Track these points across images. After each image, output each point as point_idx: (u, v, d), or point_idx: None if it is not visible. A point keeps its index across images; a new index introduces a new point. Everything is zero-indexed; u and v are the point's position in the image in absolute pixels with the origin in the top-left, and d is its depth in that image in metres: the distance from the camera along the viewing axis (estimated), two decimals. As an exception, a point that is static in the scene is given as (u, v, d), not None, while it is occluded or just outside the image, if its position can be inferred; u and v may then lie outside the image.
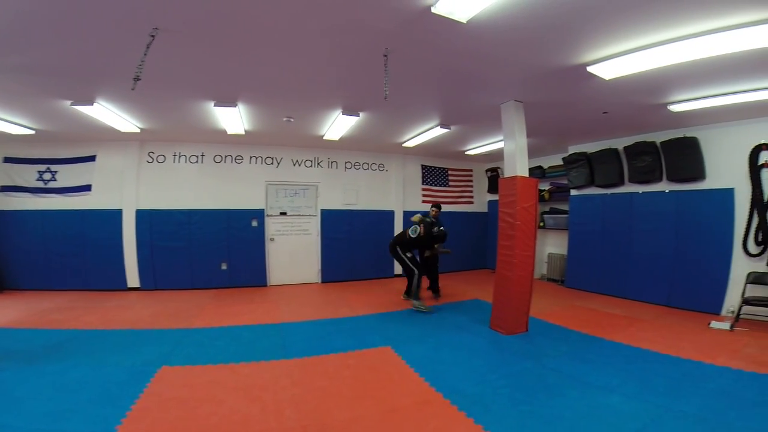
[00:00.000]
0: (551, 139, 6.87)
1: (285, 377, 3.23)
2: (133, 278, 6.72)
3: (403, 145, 7.45)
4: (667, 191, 5.84)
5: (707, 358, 3.55)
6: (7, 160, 6.59)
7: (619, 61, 3.37)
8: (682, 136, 5.52)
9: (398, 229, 8.36)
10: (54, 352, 3.67)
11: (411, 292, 5.69)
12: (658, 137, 5.84)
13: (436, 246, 5.98)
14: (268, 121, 5.77)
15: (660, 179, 5.92)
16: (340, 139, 6.77)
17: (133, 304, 5.73)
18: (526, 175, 4.62)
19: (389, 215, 8.36)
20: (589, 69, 3.58)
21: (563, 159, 7.33)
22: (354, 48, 3.34)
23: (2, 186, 6.55)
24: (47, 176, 6.66)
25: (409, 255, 5.72)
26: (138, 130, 5.96)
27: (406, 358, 3.68)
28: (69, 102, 4.61)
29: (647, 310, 5.49)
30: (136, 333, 4.34)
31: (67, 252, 6.55)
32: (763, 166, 4.81)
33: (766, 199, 4.78)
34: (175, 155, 6.99)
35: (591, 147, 6.85)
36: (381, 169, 8.44)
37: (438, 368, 3.45)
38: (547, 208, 7.94)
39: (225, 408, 2.70)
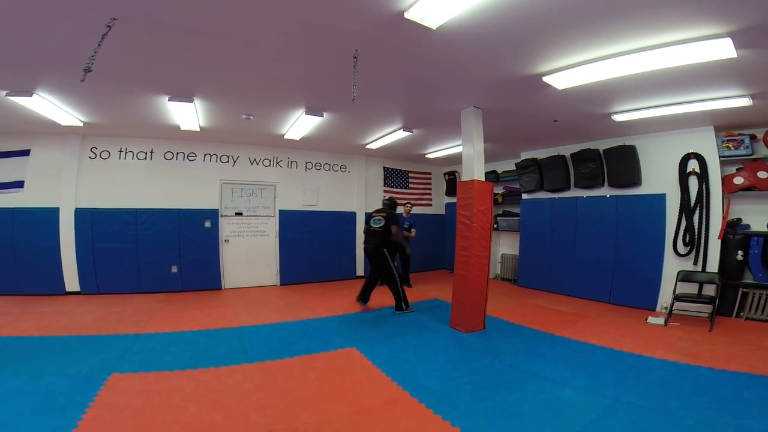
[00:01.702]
0: (506, 145, 7.21)
1: (248, 382, 3.14)
2: (72, 281, 6.19)
3: (367, 146, 7.48)
4: (608, 196, 6.31)
5: (647, 352, 3.86)
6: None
7: (571, 72, 3.63)
8: (622, 144, 5.99)
9: (361, 230, 8.34)
10: (-16, 362, 3.31)
11: (401, 303, 5.37)
12: (602, 145, 6.29)
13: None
14: (225, 118, 5.57)
15: (602, 185, 6.38)
16: (302, 138, 6.68)
17: (73, 309, 5.28)
18: (483, 179, 4.82)
19: (351, 216, 8.36)
20: (545, 79, 3.82)
21: (516, 164, 7.70)
22: (323, 48, 3.33)
23: None
24: (-27, 171, 6.00)
25: (395, 263, 5.45)
26: (80, 124, 5.53)
27: (372, 358, 3.70)
28: (3, 93, 4.22)
29: (592, 307, 5.88)
30: (79, 339, 4.02)
31: (-4, 253, 5.93)
32: (690, 173, 5.34)
33: (692, 204, 5.30)
34: (120, 151, 6.53)
35: (541, 153, 7.26)
36: (343, 170, 8.42)
37: (404, 368, 3.50)
38: (500, 211, 8.31)
39: (186, 415, 2.56)
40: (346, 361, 3.67)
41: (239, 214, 7.33)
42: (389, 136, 6.50)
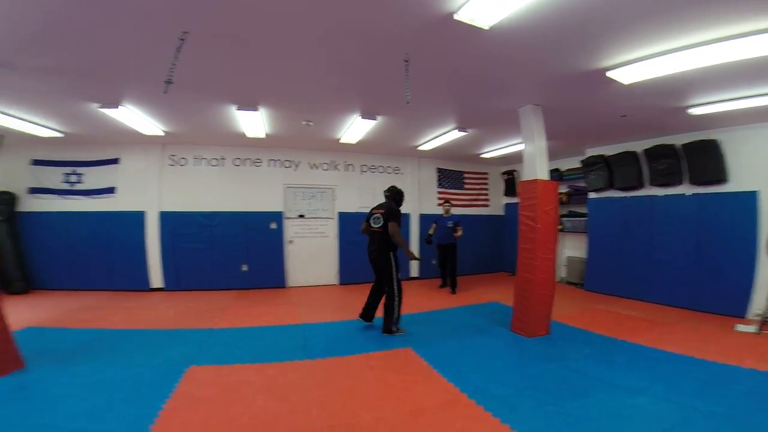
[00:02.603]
0: (568, 142, 6.84)
1: (310, 378, 3.28)
2: (156, 279, 6.88)
3: (419, 148, 7.48)
4: (688, 194, 5.77)
5: (734, 361, 3.51)
6: (35, 162, 6.78)
7: (638, 66, 3.39)
8: (702, 138, 5.46)
9: (414, 231, 8.40)
10: (84, 351, 3.76)
11: (391, 323, 4.47)
12: (678, 140, 5.78)
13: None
14: (287, 125, 5.86)
15: (681, 182, 5.85)
16: (357, 142, 6.85)
17: (157, 305, 5.86)
18: (547, 178, 4.61)
19: (404, 218, 8.36)
20: (608, 74, 3.60)
21: (581, 162, 7.29)
22: (373, 53, 3.38)
23: (30, 188, 6.76)
24: (73, 178, 6.86)
25: (399, 275, 4.58)
26: (162, 133, 6.10)
27: (428, 359, 3.70)
28: (96, 105, 4.70)
29: (670, 313, 5.43)
30: (162, 333, 4.43)
31: (93, 253, 6.74)
32: (788, 168, 4.73)
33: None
34: (195, 158, 7.14)
35: (609, 150, 6.80)
36: (396, 172, 8.49)
37: (461, 369, 3.46)
38: (565, 211, 7.89)
39: (254, 407, 2.74)
40: (403, 361, 3.70)
41: (301, 216, 7.68)
42: (442, 136, 6.45)
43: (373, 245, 4.63)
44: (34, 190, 6.78)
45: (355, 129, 5.94)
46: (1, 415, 2.51)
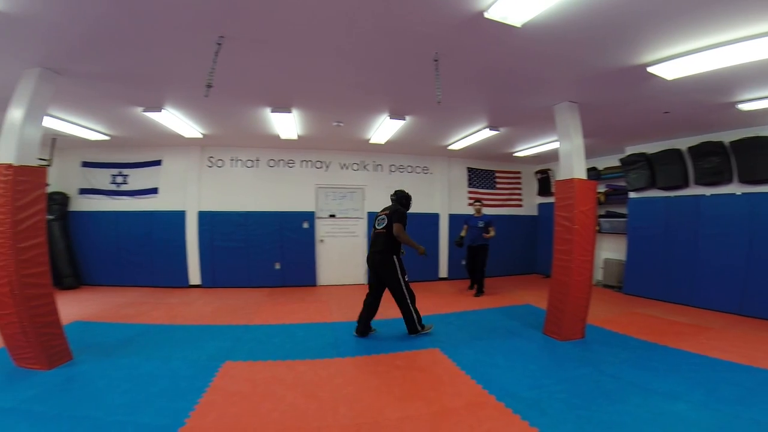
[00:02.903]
0: (607, 140, 6.58)
1: (339, 375, 3.33)
2: (194, 276, 7.18)
3: (449, 147, 7.42)
4: (738, 193, 5.42)
5: (787, 369, 3.29)
6: (85, 164, 7.25)
7: (681, 61, 3.23)
8: (754, 135, 5.13)
9: (444, 232, 8.34)
10: (127, 345, 3.96)
11: (414, 323, 4.36)
12: (727, 137, 5.46)
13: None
14: (318, 126, 5.96)
15: (730, 180, 5.52)
16: (386, 142, 6.88)
17: (195, 301, 6.11)
18: (584, 177, 4.45)
19: (434, 218, 8.35)
20: (650, 69, 3.45)
21: (621, 160, 7.00)
22: (402, 53, 3.38)
23: (81, 189, 7.22)
24: (119, 179, 7.27)
25: (406, 277, 4.39)
26: (200, 136, 6.35)
27: (455, 360, 3.67)
28: (140, 108, 4.95)
29: (716, 318, 5.15)
30: (200, 328, 4.62)
31: (137, 250, 7.12)
32: None
33: None
34: (232, 160, 7.40)
35: (651, 147, 6.50)
36: (425, 171, 8.45)
37: (490, 371, 3.41)
38: (602, 212, 7.60)
39: (284, 404, 2.81)
40: (430, 362, 3.68)
41: (332, 216, 7.80)
42: (473, 135, 6.36)
43: (375, 247, 4.45)
44: (84, 191, 7.23)
45: (384, 129, 5.97)
46: (50, 407, 2.67)
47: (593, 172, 7.73)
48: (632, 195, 6.95)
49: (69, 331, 3.64)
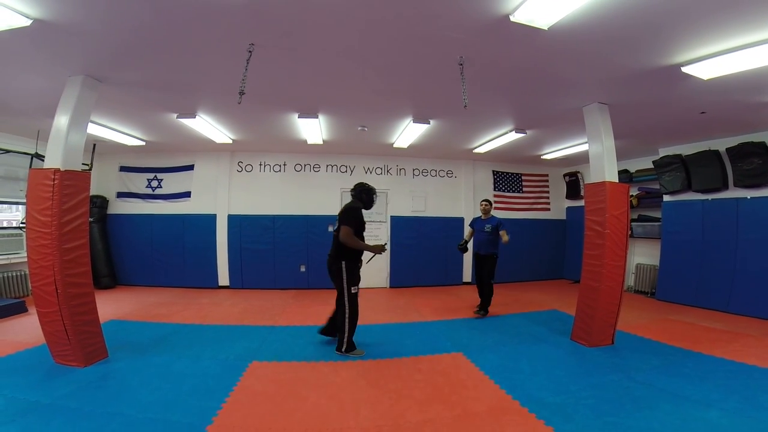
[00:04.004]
0: (639, 142, 6.37)
1: (361, 378, 3.34)
2: (223, 277, 7.40)
3: (474, 151, 7.36)
4: (782, 196, 5.14)
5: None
6: (123, 168, 7.62)
7: (718, 60, 3.11)
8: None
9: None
10: (160, 344, 4.10)
11: (343, 342, 3.89)
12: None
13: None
14: (343, 131, 6.05)
15: (773, 183, 5.23)
16: (409, 146, 6.89)
17: (224, 301, 6.28)
18: (616, 179, 4.33)
19: (458, 222, 8.27)
20: (684, 69, 3.33)
21: (654, 162, 6.75)
22: (427, 58, 3.40)
23: (118, 192, 7.58)
24: (155, 183, 7.60)
25: (354, 289, 3.96)
26: (231, 141, 6.57)
27: (479, 365, 3.63)
28: (175, 115, 5.15)
29: (756, 325, 4.91)
30: (228, 329, 4.74)
31: (170, 252, 7.41)
32: None
33: None
34: (260, 164, 7.62)
35: (686, 149, 6.25)
36: (450, 175, 8.41)
37: (515, 377, 3.36)
38: (635, 215, 7.34)
39: (307, 404, 2.84)
40: (452, 366, 3.66)
41: (356, 219, 7.84)
42: (499, 138, 6.30)
43: (330, 250, 4.15)
44: (122, 194, 7.59)
45: (407, 133, 5.99)
46: (84, 403, 2.77)
47: (625, 175, 7.50)
48: (666, 198, 6.70)
49: (105, 329, 3.78)
